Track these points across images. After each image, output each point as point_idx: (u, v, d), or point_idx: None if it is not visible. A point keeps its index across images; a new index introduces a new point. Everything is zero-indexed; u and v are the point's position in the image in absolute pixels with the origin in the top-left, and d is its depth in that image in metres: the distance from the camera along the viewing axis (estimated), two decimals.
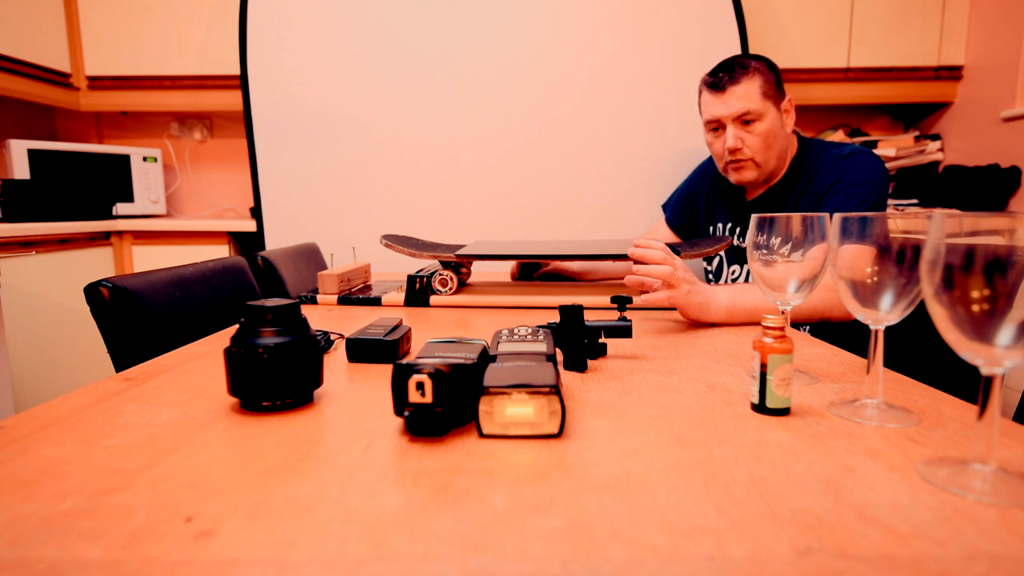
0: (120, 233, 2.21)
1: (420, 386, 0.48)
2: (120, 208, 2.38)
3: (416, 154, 2.11)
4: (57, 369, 1.95)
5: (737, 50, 2.02)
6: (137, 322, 0.91)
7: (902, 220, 0.52)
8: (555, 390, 0.48)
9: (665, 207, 1.64)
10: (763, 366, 0.54)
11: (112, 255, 2.20)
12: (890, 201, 2.24)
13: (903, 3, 2.26)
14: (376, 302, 1.15)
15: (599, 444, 0.48)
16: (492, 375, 0.51)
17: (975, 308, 0.38)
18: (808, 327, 1.22)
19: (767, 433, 0.50)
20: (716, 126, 1.31)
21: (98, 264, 2.13)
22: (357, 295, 1.17)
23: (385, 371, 0.69)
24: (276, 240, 2.15)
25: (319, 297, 1.18)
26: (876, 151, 2.32)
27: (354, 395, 0.60)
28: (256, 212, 2.16)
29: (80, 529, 0.35)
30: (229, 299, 1.16)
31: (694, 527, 0.35)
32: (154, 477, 0.42)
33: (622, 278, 1.47)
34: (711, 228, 1.49)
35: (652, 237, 1.63)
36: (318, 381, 0.58)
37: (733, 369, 0.70)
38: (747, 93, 1.25)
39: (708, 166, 1.52)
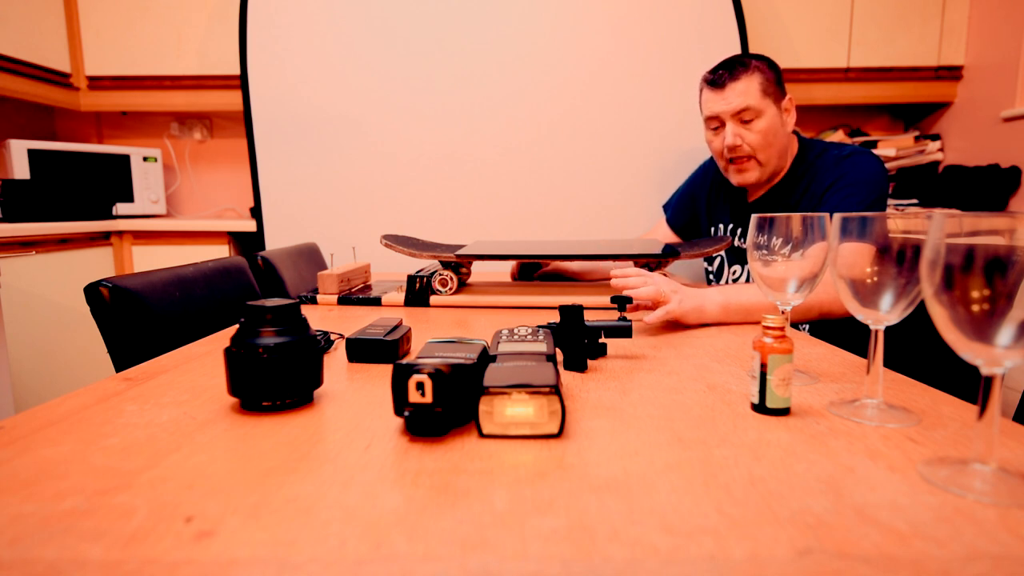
0: (120, 233, 2.21)
1: (420, 386, 0.48)
2: (120, 208, 2.38)
3: (416, 154, 2.11)
4: (57, 369, 1.95)
5: (737, 50, 2.02)
6: (137, 322, 0.91)
7: (902, 220, 0.52)
8: (555, 390, 0.48)
9: (666, 207, 1.64)
10: (763, 366, 0.54)
11: (112, 255, 2.20)
12: (890, 201, 2.23)
13: (903, 3, 2.26)
14: (376, 302, 1.15)
15: (599, 444, 0.48)
16: (492, 375, 0.51)
17: (975, 308, 0.38)
18: (808, 326, 1.22)
19: (767, 433, 0.50)
20: (716, 123, 1.31)
21: (98, 264, 2.13)
22: (357, 295, 1.17)
23: (385, 371, 0.69)
24: (276, 240, 2.15)
25: (319, 297, 1.18)
26: (876, 151, 2.32)
27: (354, 395, 0.60)
28: (256, 212, 2.16)
29: (80, 529, 0.35)
30: (229, 299, 1.16)
31: (694, 527, 0.35)
32: (154, 477, 0.42)
33: None
34: (712, 228, 1.49)
35: (652, 238, 1.63)
36: (318, 381, 0.58)
37: (733, 369, 0.70)
38: (746, 90, 1.25)
39: (709, 166, 1.52)
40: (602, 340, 0.75)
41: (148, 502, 0.38)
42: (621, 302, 0.79)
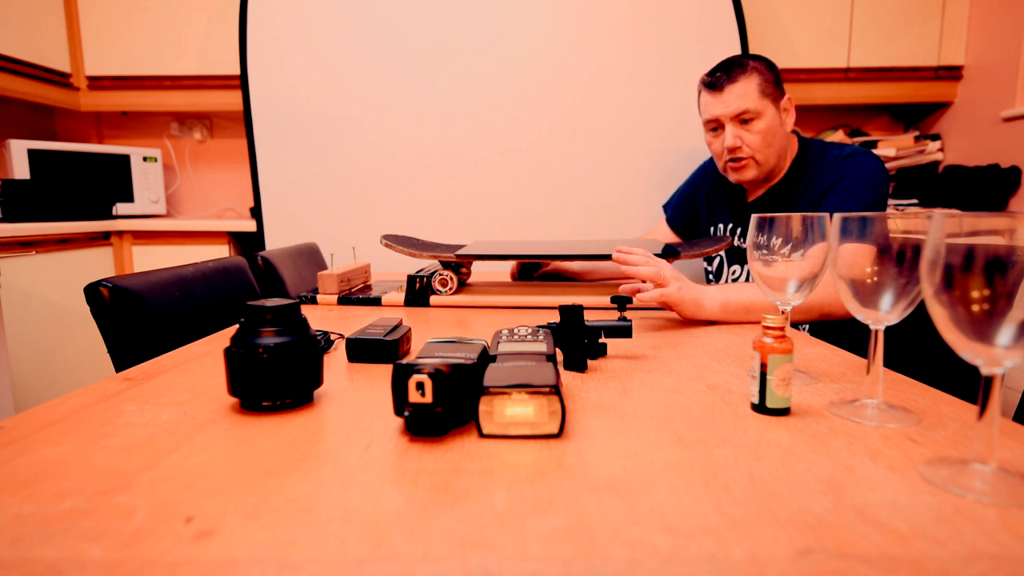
0: (120, 233, 2.21)
1: (420, 386, 0.48)
2: (120, 208, 2.38)
3: (416, 154, 2.11)
4: (57, 369, 1.95)
5: (737, 50, 2.02)
6: (137, 322, 0.91)
7: (902, 220, 0.52)
8: (555, 390, 0.48)
9: (666, 207, 1.64)
10: (763, 366, 0.54)
11: (112, 255, 2.20)
12: (890, 201, 2.23)
13: (903, 3, 2.26)
14: (376, 302, 1.15)
15: (599, 444, 0.48)
16: (492, 375, 0.51)
17: (975, 308, 0.38)
18: (808, 326, 1.22)
19: (767, 433, 0.50)
20: (715, 125, 1.31)
21: (98, 264, 2.13)
22: (357, 295, 1.17)
23: (385, 371, 0.69)
24: (276, 240, 2.15)
25: (319, 297, 1.18)
26: (876, 151, 2.32)
27: (354, 395, 0.60)
28: (256, 212, 2.16)
29: (80, 529, 0.35)
30: (229, 299, 1.16)
31: (694, 527, 0.35)
32: (154, 477, 0.42)
33: (621, 279, 1.47)
34: (712, 228, 1.49)
35: (652, 237, 1.63)
36: (318, 381, 0.58)
37: (733, 369, 0.70)
38: (745, 92, 1.25)
39: (709, 166, 1.52)
40: (602, 340, 0.75)
41: (148, 502, 0.38)
42: (621, 302, 0.79)
